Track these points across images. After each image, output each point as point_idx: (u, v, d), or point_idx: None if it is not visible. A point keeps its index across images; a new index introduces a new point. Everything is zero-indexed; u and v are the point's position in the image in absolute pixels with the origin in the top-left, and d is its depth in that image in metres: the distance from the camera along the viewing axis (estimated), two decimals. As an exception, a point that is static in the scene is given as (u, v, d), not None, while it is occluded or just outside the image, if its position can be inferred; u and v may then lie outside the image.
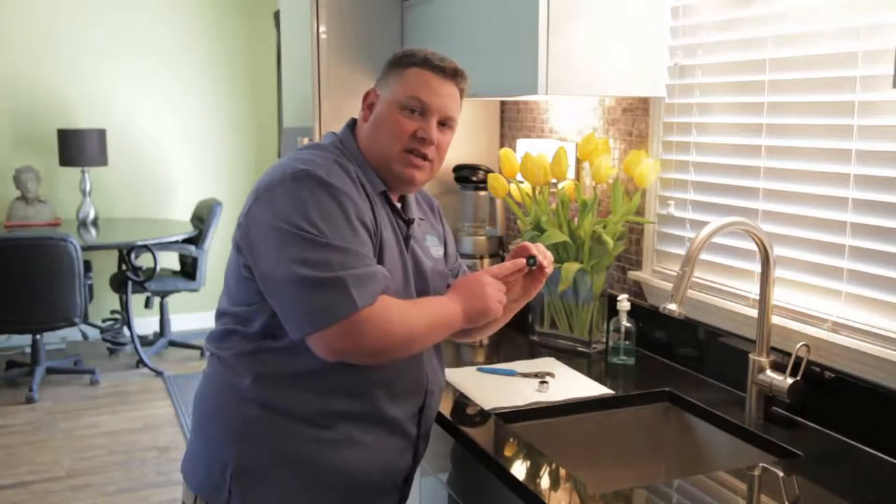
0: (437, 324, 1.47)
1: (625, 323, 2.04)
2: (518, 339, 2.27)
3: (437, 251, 1.65)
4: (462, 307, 1.49)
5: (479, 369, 1.99)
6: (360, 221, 1.41)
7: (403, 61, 1.52)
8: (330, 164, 1.44)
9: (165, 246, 4.95)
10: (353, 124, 1.59)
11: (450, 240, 1.73)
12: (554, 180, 2.21)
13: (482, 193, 2.68)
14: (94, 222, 5.25)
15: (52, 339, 5.27)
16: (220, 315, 1.54)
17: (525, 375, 1.94)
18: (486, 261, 2.67)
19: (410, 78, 1.50)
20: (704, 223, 1.68)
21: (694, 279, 1.95)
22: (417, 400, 1.53)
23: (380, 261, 1.44)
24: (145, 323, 5.60)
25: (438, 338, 1.51)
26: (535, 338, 2.24)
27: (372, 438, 1.48)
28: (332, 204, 1.38)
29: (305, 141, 2.75)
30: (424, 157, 1.50)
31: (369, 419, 1.47)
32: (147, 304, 5.31)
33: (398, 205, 1.56)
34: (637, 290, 2.19)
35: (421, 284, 1.55)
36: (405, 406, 1.51)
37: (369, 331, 1.36)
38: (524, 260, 1.57)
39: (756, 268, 1.77)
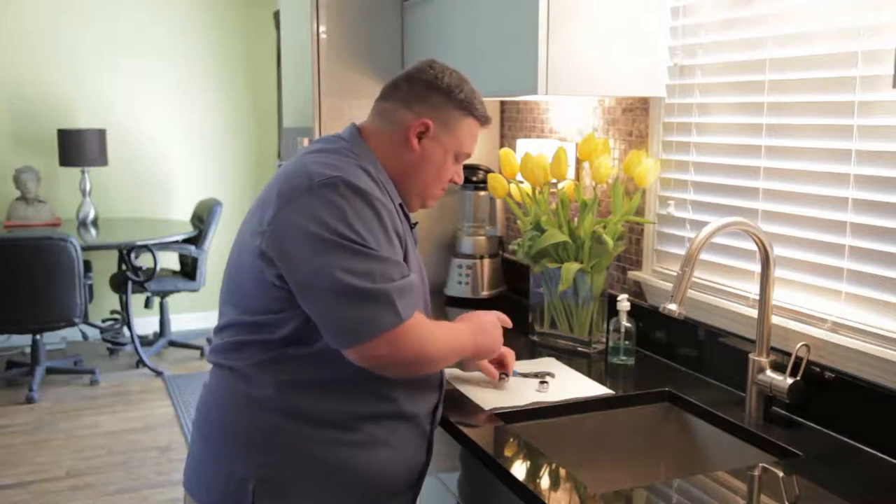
0: (457, 349, 1.58)
1: (625, 323, 2.04)
2: (518, 339, 2.26)
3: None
4: (473, 340, 1.63)
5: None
6: (394, 230, 1.41)
7: (465, 107, 1.54)
8: (355, 170, 1.42)
9: (165, 246, 4.95)
10: (357, 130, 1.56)
11: None
12: (554, 180, 2.21)
13: (482, 193, 2.68)
14: (94, 222, 5.25)
15: (52, 339, 5.27)
16: (226, 327, 1.50)
17: (525, 375, 1.94)
18: (486, 261, 2.67)
19: (469, 132, 1.57)
20: (704, 223, 1.68)
21: (694, 279, 1.95)
22: (434, 395, 1.56)
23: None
24: (145, 323, 5.60)
25: (451, 362, 1.62)
26: (535, 338, 2.24)
27: (394, 437, 1.48)
28: (368, 212, 1.37)
29: (306, 141, 2.75)
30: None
31: (391, 418, 1.48)
32: (147, 304, 5.31)
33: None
34: (637, 290, 2.19)
35: (426, 287, 1.59)
36: (424, 403, 1.54)
37: (410, 342, 1.38)
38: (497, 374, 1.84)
39: (756, 268, 1.77)
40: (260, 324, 1.43)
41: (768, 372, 1.68)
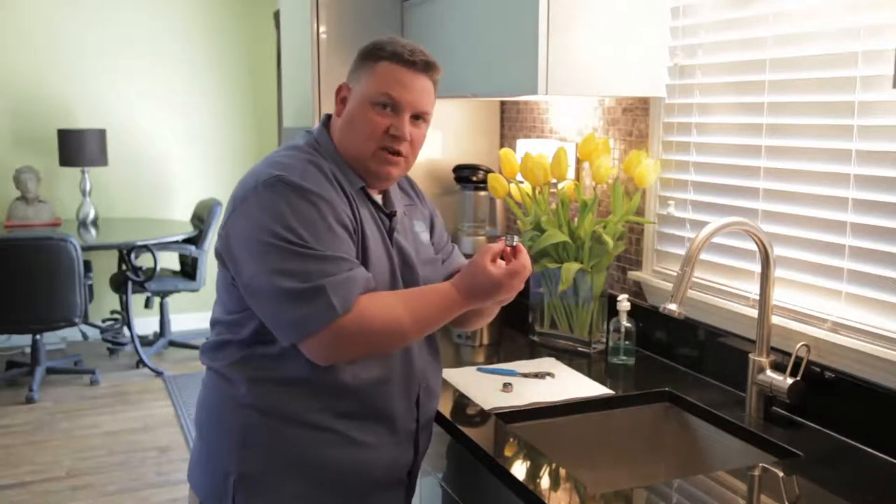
0: (433, 315, 1.44)
1: (625, 323, 2.04)
2: (518, 339, 2.27)
3: (424, 237, 1.64)
4: (461, 300, 1.45)
5: (479, 369, 1.99)
6: (340, 223, 1.40)
7: (373, 54, 1.48)
8: (304, 166, 1.43)
9: (165, 246, 4.95)
10: (327, 121, 1.57)
11: (437, 218, 1.71)
12: (554, 180, 2.21)
13: (482, 193, 2.68)
14: (94, 222, 5.25)
15: (52, 339, 5.27)
16: (213, 324, 1.56)
17: (525, 375, 1.94)
18: (486, 261, 2.66)
19: (381, 73, 1.47)
20: (704, 223, 1.68)
21: (694, 279, 1.95)
22: (412, 393, 1.54)
23: (364, 259, 1.44)
24: (145, 323, 5.59)
25: (435, 324, 1.46)
26: (535, 338, 2.24)
27: (370, 436, 1.48)
28: (309, 209, 1.37)
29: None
30: (398, 153, 1.49)
31: (366, 417, 1.48)
32: (147, 304, 5.31)
33: (378, 199, 1.55)
34: (637, 290, 2.19)
35: (409, 276, 1.53)
36: (400, 401, 1.51)
37: (354, 334, 1.37)
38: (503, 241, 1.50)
39: (756, 268, 1.77)
40: (232, 322, 1.48)
41: (768, 372, 1.68)
